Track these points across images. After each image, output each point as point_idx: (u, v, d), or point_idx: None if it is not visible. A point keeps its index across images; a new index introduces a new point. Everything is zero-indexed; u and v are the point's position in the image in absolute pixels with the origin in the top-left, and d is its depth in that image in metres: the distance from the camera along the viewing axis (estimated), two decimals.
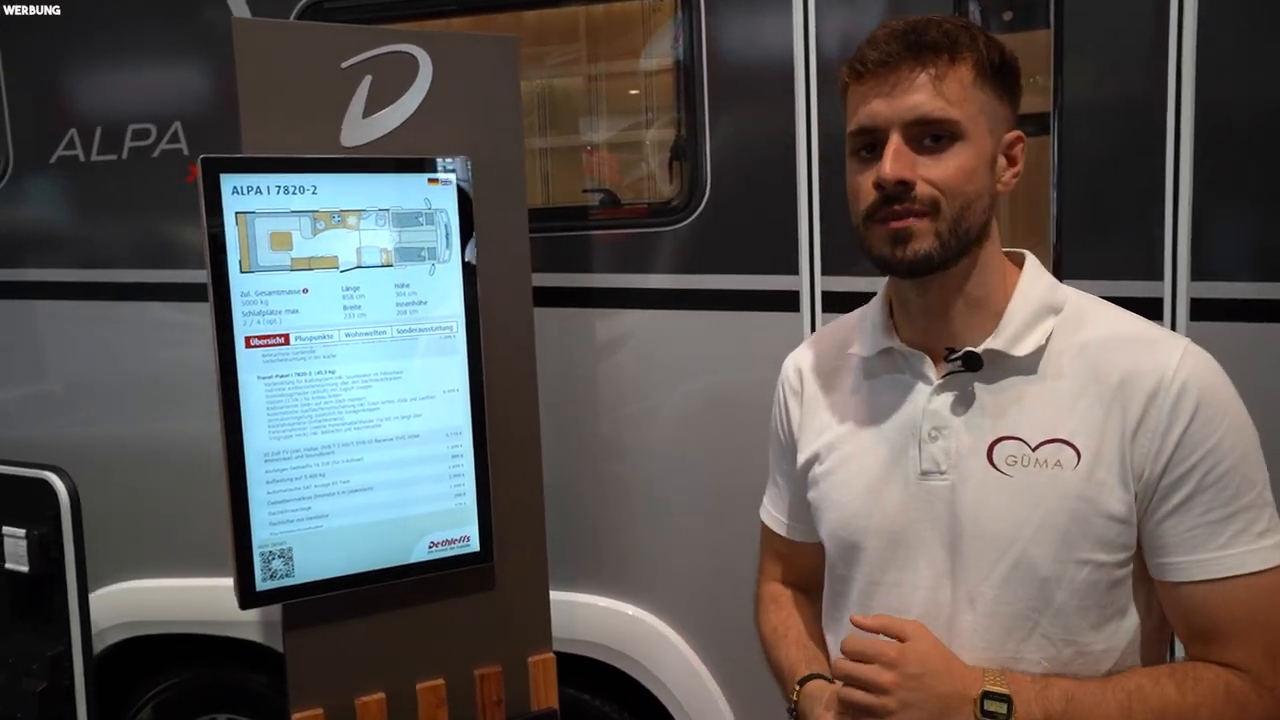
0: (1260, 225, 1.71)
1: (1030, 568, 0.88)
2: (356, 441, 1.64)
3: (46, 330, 2.27)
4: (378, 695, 1.72)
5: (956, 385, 0.93)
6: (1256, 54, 1.65)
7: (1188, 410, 0.85)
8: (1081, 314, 0.93)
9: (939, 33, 0.88)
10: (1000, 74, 0.91)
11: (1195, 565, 0.85)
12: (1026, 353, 0.90)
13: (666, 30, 1.97)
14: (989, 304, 0.93)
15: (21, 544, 1.88)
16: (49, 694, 1.86)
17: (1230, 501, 0.85)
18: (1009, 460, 0.89)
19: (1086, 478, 0.87)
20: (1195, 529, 0.85)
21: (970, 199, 0.88)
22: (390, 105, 1.66)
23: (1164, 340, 0.90)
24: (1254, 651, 0.85)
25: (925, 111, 0.87)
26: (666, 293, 1.95)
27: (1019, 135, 0.93)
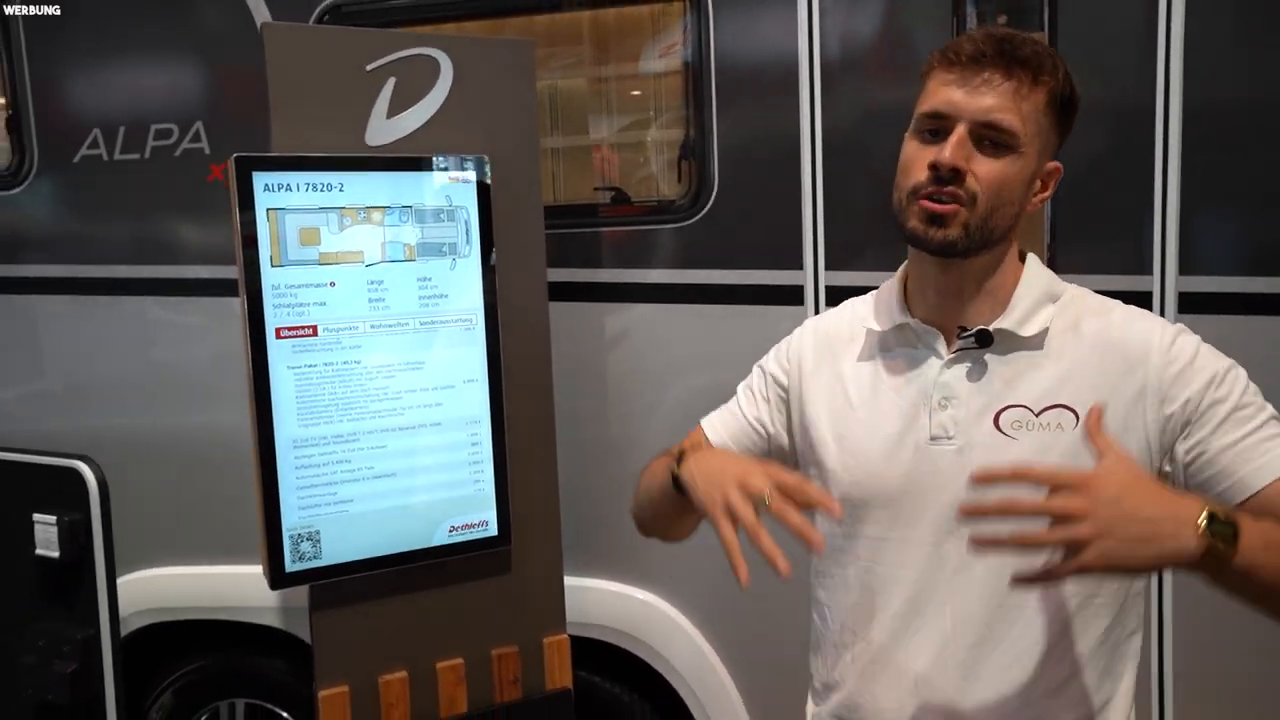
0: (1245, 221, 1.79)
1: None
2: (380, 429, 1.71)
3: (66, 325, 2.33)
4: (400, 673, 1.79)
5: (967, 360, 1.02)
6: (1240, 56, 1.73)
7: (1188, 353, 0.96)
8: (1076, 303, 1.04)
9: (1031, 51, 0.96)
10: (1065, 108, 1.00)
11: (1264, 469, 0.92)
12: (1032, 333, 1.01)
13: (675, 33, 2.04)
14: (998, 290, 1.03)
15: (52, 530, 1.93)
16: (79, 675, 1.92)
17: (1254, 415, 0.95)
18: (1014, 425, 0.99)
19: (1084, 436, 0.94)
20: (1246, 439, 0.93)
21: (1003, 203, 0.98)
22: (413, 106, 1.73)
23: (1151, 318, 1.02)
24: None
25: (997, 117, 0.95)
26: (675, 287, 2.02)
27: (1058, 167, 1.03)
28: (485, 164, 1.75)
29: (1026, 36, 0.98)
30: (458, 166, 1.73)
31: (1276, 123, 1.71)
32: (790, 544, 0.96)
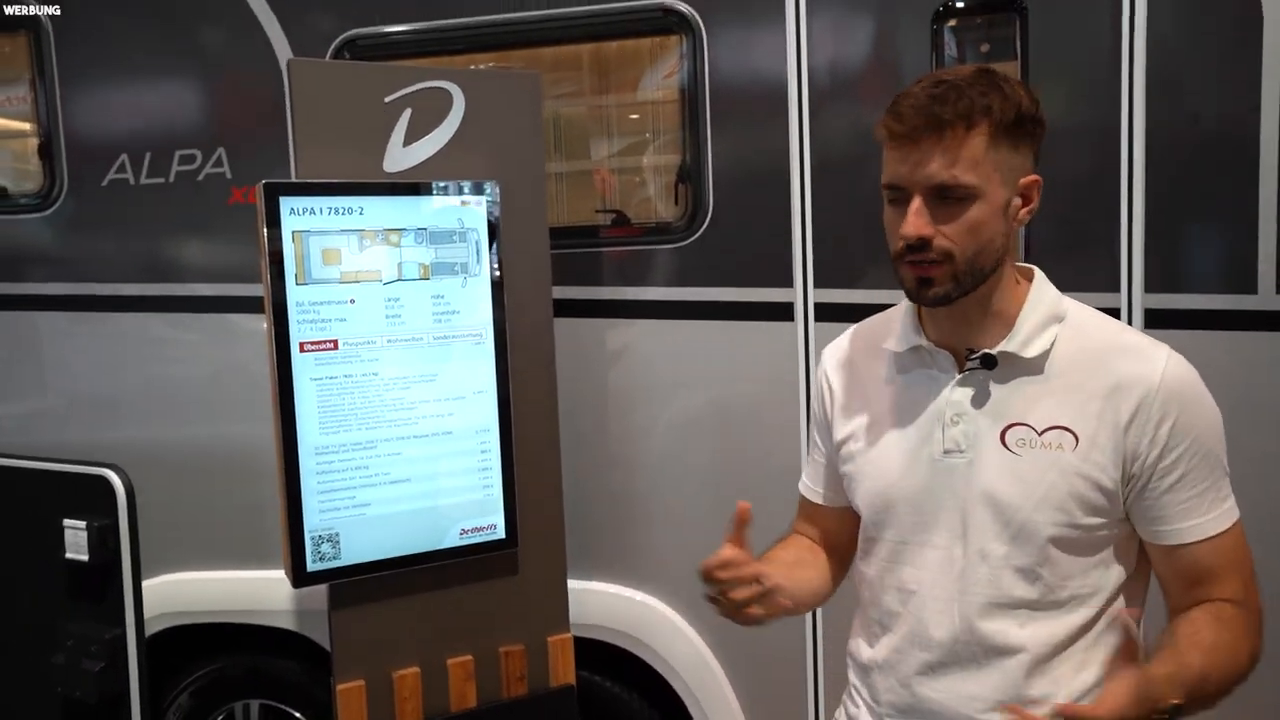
0: (1206, 241, 1.90)
1: (1035, 529, 1.05)
2: (397, 437, 1.82)
3: (91, 341, 2.44)
4: (413, 669, 1.89)
5: (975, 380, 1.09)
6: (1200, 83, 1.85)
7: (1174, 410, 1.02)
8: (1081, 323, 1.09)
9: (954, 109, 0.99)
10: (1017, 128, 1.03)
11: (1190, 530, 1.05)
12: (1034, 355, 1.07)
13: (671, 63, 2.16)
14: (1003, 313, 1.08)
15: (82, 535, 2.03)
16: (106, 673, 2.01)
17: (1205, 479, 1.04)
18: (1019, 443, 1.06)
19: (1084, 458, 1.03)
20: (1187, 501, 1.04)
21: (983, 245, 1.03)
22: (427, 135, 1.85)
23: (1150, 349, 1.06)
24: (1238, 584, 1.06)
25: (940, 181, 1.01)
26: (672, 304, 2.13)
27: (1035, 180, 1.06)
28: (495, 189, 1.87)
29: (953, 86, 1.01)
30: (469, 191, 1.85)
31: (1238, 144, 1.82)
32: None
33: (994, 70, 1.05)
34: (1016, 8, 1.92)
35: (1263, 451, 1.87)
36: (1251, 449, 1.86)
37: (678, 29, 2.08)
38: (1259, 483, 1.87)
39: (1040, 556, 1.06)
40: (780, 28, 2.02)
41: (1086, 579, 1.07)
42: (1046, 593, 1.07)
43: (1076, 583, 1.07)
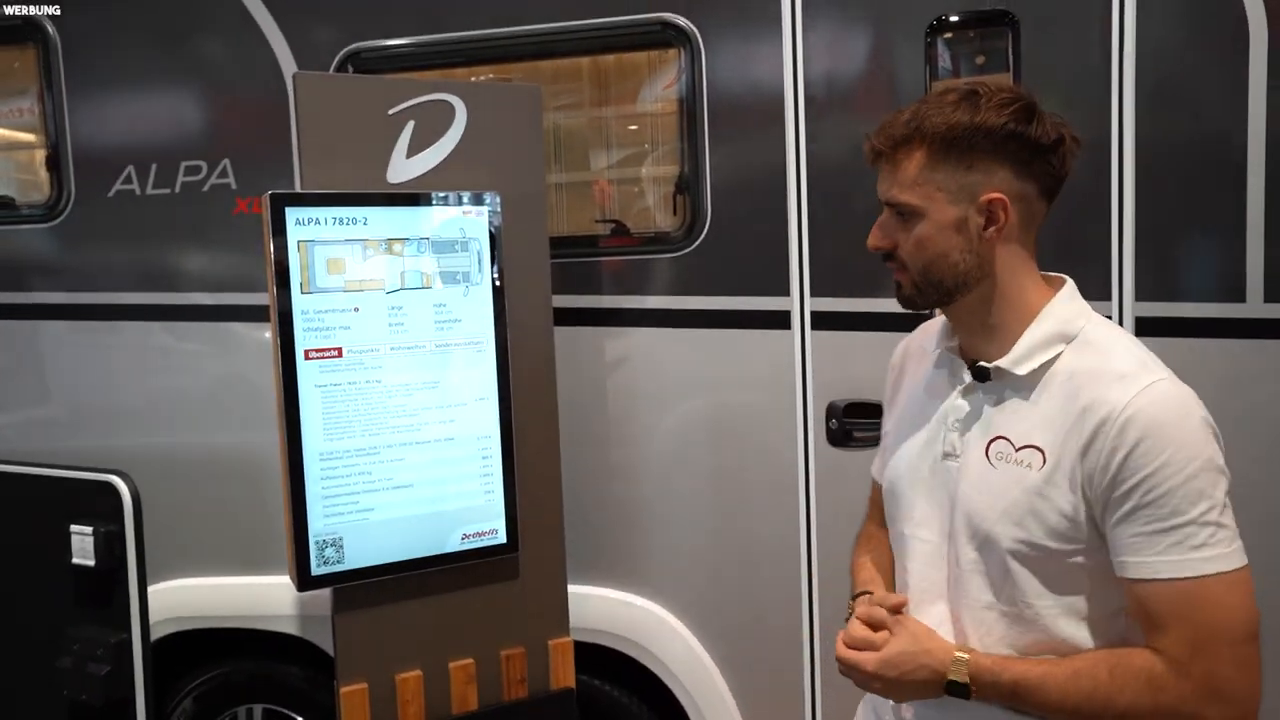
0: (1196, 250, 1.93)
1: (995, 542, 1.07)
2: (399, 443, 1.85)
3: (95, 349, 2.47)
4: (415, 672, 1.92)
5: (974, 390, 1.13)
6: (1189, 95, 1.88)
7: (1129, 440, 0.98)
8: (1089, 345, 1.07)
9: (889, 135, 1.08)
10: (961, 148, 1.05)
11: (1137, 566, 1.00)
12: (1025, 372, 1.07)
13: (670, 76, 2.20)
14: (1007, 328, 1.09)
15: (89, 540, 2.06)
16: (112, 677, 2.03)
17: (1168, 518, 0.97)
18: (998, 455, 1.08)
19: (1046, 479, 1.04)
20: (1137, 536, 0.99)
21: (931, 259, 1.08)
22: (430, 147, 1.89)
23: (1131, 378, 1.02)
24: (1179, 643, 0.98)
25: (891, 196, 1.10)
26: (671, 313, 2.17)
27: (992, 198, 1.06)
28: (496, 199, 1.90)
29: (907, 110, 1.08)
30: (471, 202, 1.88)
31: (1226, 154, 1.85)
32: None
33: (977, 88, 1.07)
34: (1009, 21, 1.96)
35: (1252, 457, 1.89)
36: (1241, 455, 1.89)
37: (676, 42, 2.12)
38: (1248, 489, 1.90)
39: (1002, 568, 1.07)
40: (777, 40, 2.06)
41: (1057, 601, 1.06)
42: (1010, 605, 1.08)
43: (1045, 603, 1.06)
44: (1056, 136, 1.06)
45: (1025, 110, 1.05)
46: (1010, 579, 1.07)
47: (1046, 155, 1.06)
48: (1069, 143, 1.08)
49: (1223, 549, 0.98)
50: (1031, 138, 1.05)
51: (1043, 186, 1.09)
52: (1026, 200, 1.08)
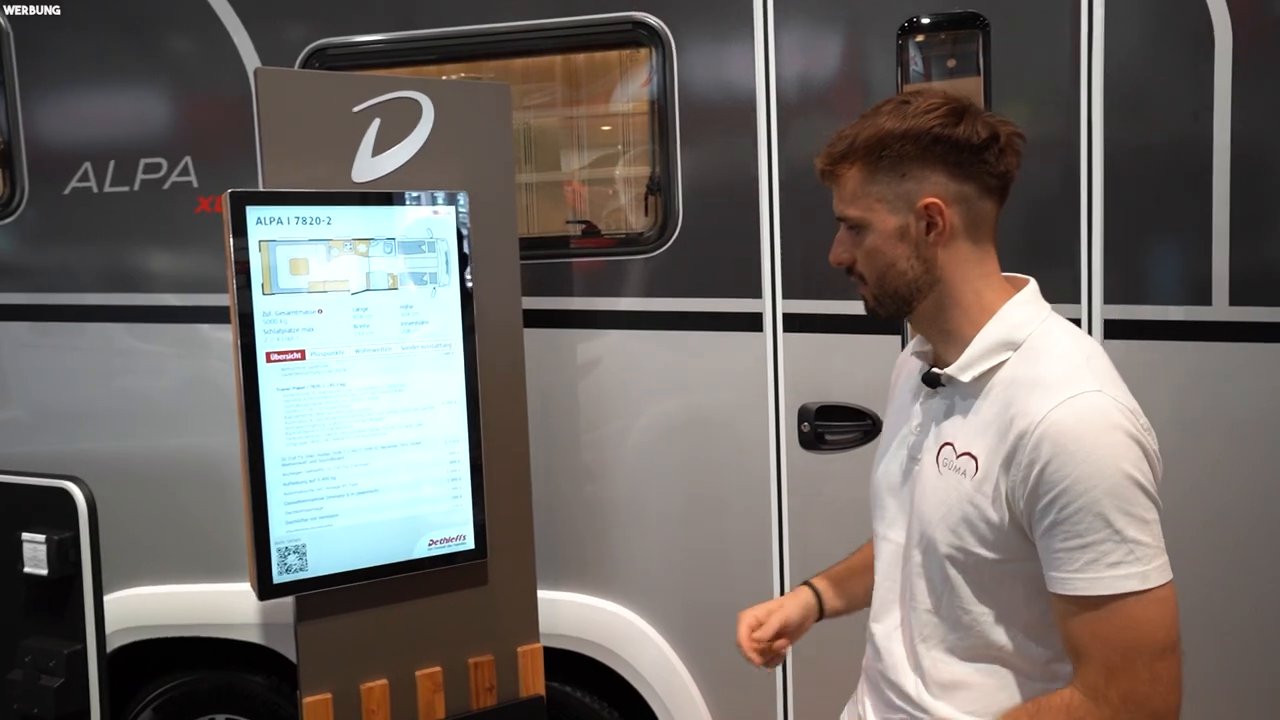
0: (1163, 254, 1.95)
1: (935, 547, 1.09)
2: (365, 448, 1.81)
3: (50, 352, 2.40)
4: (381, 681, 1.88)
5: (930, 397, 1.16)
6: (1156, 99, 1.90)
7: (1045, 454, 0.97)
8: (1033, 352, 1.05)
9: (831, 155, 1.11)
10: (893, 156, 1.06)
11: (1057, 581, 0.99)
12: (969, 380, 1.08)
13: (641, 76, 2.18)
14: (960, 335, 1.10)
15: (41, 549, 2.00)
16: (65, 690, 1.98)
17: (1084, 534, 0.96)
18: (944, 462, 1.09)
19: (977, 487, 1.04)
20: (1059, 551, 0.98)
21: (883, 269, 1.10)
22: (397, 145, 1.85)
23: (1055, 389, 1.00)
24: (1094, 666, 0.98)
25: (838, 212, 1.13)
26: (642, 315, 2.15)
27: (928, 204, 1.06)
28: (464, 199, 1.87)
29: (846, 130, 1.10)
30: (438, 201, 1.85)
31: (1193, 158, 1.87)
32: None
33: (908, 97, 1.08)
34: (979, 24, 1.96)
35: (1215, 458, 1.91)
36: (1205, 456, 1.92)
37: (647, 42, 2.10)
38: (1212, 489, 1.92)
39: (941, 573, 1.09)
40: (749, 41, 2.05)
41: (992, 609, 1.06)
42: (949, 610, 1.09)
43: (980, 610, 1.07)
44: (989, 135, 1.05)
45: (952, 113, 1.05)
46: (949, 584, 1.08)
47: (980, 154, 1.05)
48: (1006, 139, 1.06)
49: (1140, 566, 0.96)
50: (959, 139, 1.04)
51: (983, 186, 1.07)
52: (966, 202, 1.07)
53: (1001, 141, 1.06)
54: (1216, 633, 1.90)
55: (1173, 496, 1.02)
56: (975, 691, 1.09)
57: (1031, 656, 1.07)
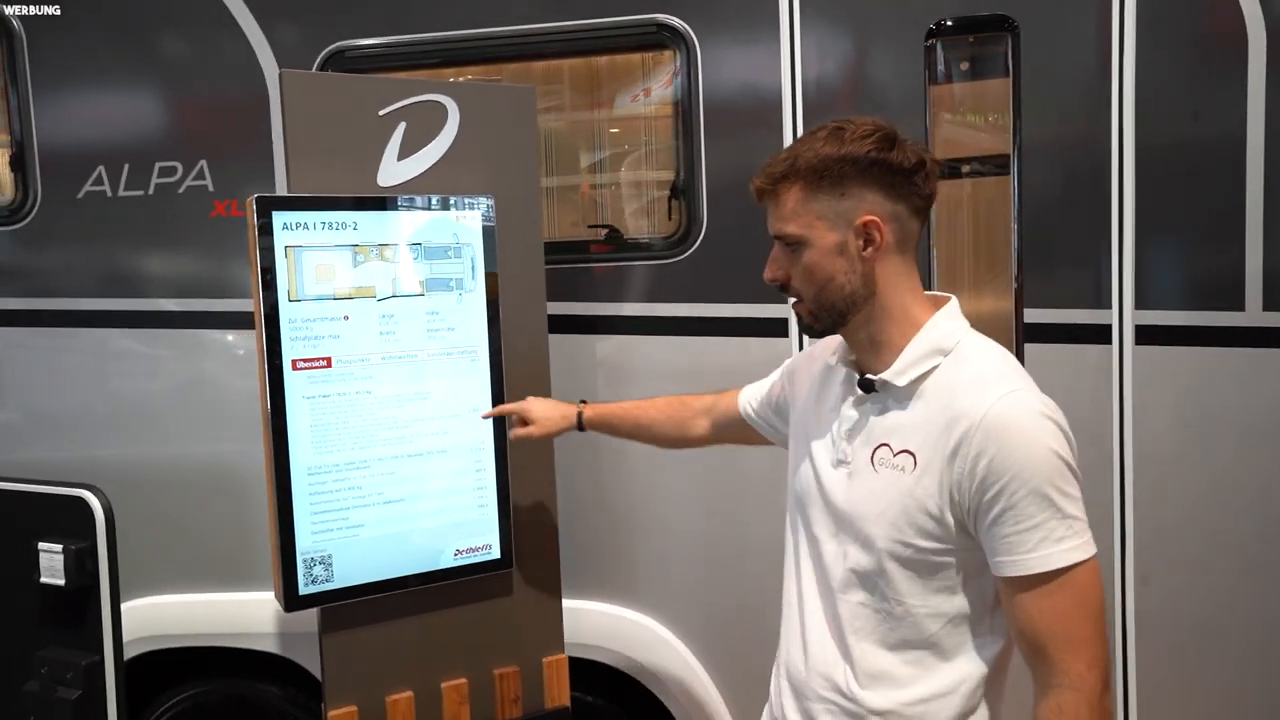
0: (1195, 258, 1.93)
1: (873, 542, 1.15)
2: (391, 456, 1.78)
3: (62, 357, 2.37)
4: (406, 693, 1.85)
5: (863, 401, 1.21)
6: (1187, 101, 1.88)
7: (990, 448, 1.06)
8: (963, 357, 1.15)
9: (771, 175, 1.17)
10: (833, 177, 1.13)
11: (1010, 564, 1.07)
12: (904, 383, 1.15)
13: (665, 78, 2.16)
14: (892, 344, 1.17)
15: (58, 559, 1.96)
16: (83, 702, 1.94)
17: (1033, 516, 1.05)
18: (880, 461, 1.16)
19: (916, 481, 1.11)
20: (1009, 536, 1.06)
21: (821, 284, 1.16)
22: (422, 149, 1.82)
23: (991, 385, 1.10)
24: (1059, 647, 1.06)
25: (776, 230, 1.19)
26: (666, 320, 2.12)
27: (869, 220, 1.14)
28: (490, 204, 1.84)
29: (783, 153, 1.17)
30: (464, 206, 1.82)
31: (1225, 161, 1.85)
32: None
33: (843, 125, 1.15)
34: (1008, 27, 1.94)
35: (1246, 463, 1.90)
36: (1236, 461, 1.90)
37: (671, 44, 2.08)
38: (1243, 493, 1.91)
39: (879, 567, 1.15)
40: (774, 43, 2.03)
41: (926, 600, 1.14)
42: (883, 602, 1.16)
43: (915, 601, 1.14)
44: (917, 160, 1.14)
45: (886, 139, 1.14)
46: (886, 577, 1.15)
47: (910, 177, 1.14)
48: (930, 165, 1.16)
49: (1079, 539, 1.06)
50: (894, 163, 1.13)
51: (912, 206, 1.16)
52: (899, 220, 1.16)
53: (927, 167, 1.16)
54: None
55: (1199, 503, 1.02)
56: (901, 679, 1.16)
57: (957, 644, 1.15)
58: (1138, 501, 1.95)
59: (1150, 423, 1.93)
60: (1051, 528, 1.05)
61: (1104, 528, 1.96)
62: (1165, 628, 1.96)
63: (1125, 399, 1.94)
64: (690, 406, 1.68)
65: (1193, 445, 1.93)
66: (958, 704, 1.15)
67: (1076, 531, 1.06)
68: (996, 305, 2.02)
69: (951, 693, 1.15)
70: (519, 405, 1.79)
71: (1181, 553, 1.94)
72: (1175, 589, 1.95)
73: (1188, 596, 1.95)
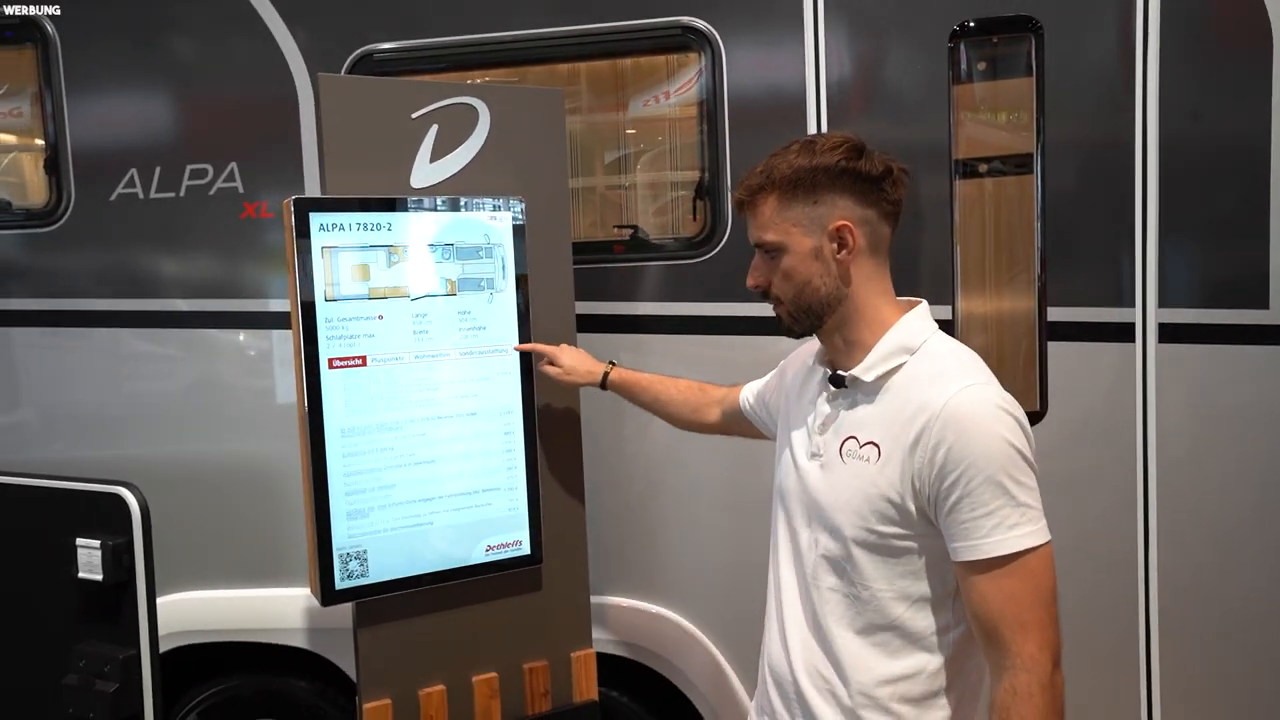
0: (1219, 257, 1.94)
1: (840, 530, 1.21)
2: (426, 460, 1.81)
3: (94, 357, 2.40)
4: (439, 687, 1.88)
5: (835, 396, 1.27)
6: (1212, 100, 1.89)
7: (949, 438, 1.12)
8: (928, 354, 1.21)
9: (749, 187, 1.24)
10: (806, 186, 1.21)
11: (966, 550, 1.13)
12: (872, 379, 1.21)
13: (689, 79, 2.18)
14: (863, 343, 1.24)
15: (96, 554, 2.00)
16: (121, 695, 1.97)
17: (988, 503, 1.11)
18: (848, 453, 1.22)
19: (879, 471, 1.18)
20: (965, 522, 1.12)
21: (799, 287, 1.23)
22: (454, 151, 1.85)
23: (951, 379, 1.16)
24: (1010, 630, 1.10)
25: (754, 237, 1.26)
26: (691, 319, 2.14)
27: (839, 225, 1.21)
28: (521, 205, 1.87)
29: (759, 166, 1.24)
30: (495, 207, 1.85)
31: (1250, 160, 1.86)
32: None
33: (814, 138, 1.24)
34: (1032, 27, 1.96)
35: (1270, 460, 1.91)
36: (1260, 458, 1.91)
37: (696, 46, 2.10)
38: (1267, 490, 1.92)
39: (846, 553, 1.21)
40: (799, 44, 2.04)
41: (891, 585, 1.19)
42: (850, 587, 1.22)
43: (880, 586, 1.20)
44: (884, 168, 1.21)
45: (854, 149, 1.21)
46: (852, 563, 1.21)
47: (879, 184, 1.21)
48: (896, 173, 1.23)
49: (1032, 526, 1.11)
50: (862, 170, 1.21)
51: (882, 211, 1.23)
52: (870, 224, 1.23)
53: (894, 174, 1.22)
54: None
55: (1222, 500, 1.01)
56: (869, 662, 1.21)
57: (921, 628, 1.20)
58: (1160, 499, 1.96)
59: (1173, 420, 1.95)
60: (1005, 514, 1.10)
61: (1127, 524, 1.97)
62: (1188, 625, 1.97)
63: (1148, 396, 1.96)
64: (708, 394, 1.76)
65: (1216, 442, 1.94)
66: (924, 685, 1.20)
67: (1030, 519, 1.11)
68: (1019, 304, 2.04)
69: (918, 674, 1.20)
70: (552, 348, 1.86)
71: (1205, 549, 1.95)
72: (1197, 586, 1.96)
73: (1210, 593, 1.96)
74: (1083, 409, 1.98)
